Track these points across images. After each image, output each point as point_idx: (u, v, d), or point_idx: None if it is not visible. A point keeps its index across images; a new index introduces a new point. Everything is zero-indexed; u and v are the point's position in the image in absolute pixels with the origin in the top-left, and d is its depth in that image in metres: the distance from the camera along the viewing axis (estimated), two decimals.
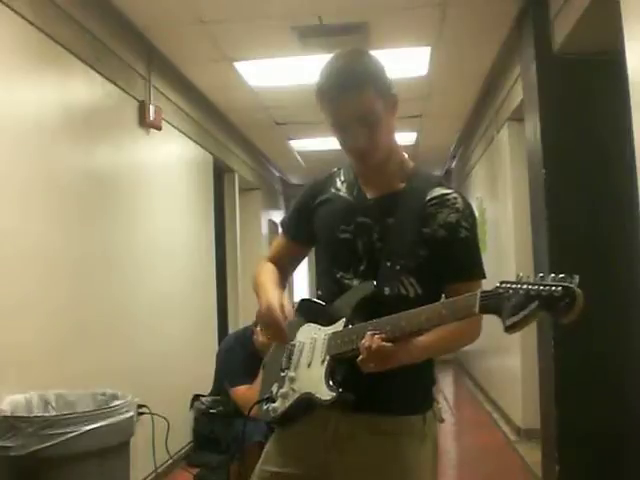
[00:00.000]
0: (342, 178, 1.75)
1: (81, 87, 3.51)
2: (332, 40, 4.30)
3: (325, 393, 1.55)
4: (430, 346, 1.52)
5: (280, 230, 1.91)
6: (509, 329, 1.28)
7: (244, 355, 3.36)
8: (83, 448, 2.41)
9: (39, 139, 3.05)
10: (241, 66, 4.75)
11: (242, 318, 6.50)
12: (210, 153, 5.76)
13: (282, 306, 1.63)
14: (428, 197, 1.61)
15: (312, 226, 1.75)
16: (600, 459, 3.38)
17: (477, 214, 6.77)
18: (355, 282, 1.63)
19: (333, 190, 1.73)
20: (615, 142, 3.20)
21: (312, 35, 4.21)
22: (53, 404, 2.75)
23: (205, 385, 3.74)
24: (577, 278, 1.25)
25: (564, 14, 3.38)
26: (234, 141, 6.60)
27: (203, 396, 3.83)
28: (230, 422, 3.41)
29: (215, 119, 5.90)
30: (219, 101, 5.66)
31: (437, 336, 1.50)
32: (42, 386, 2.78)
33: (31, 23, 2.96)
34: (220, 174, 6.43)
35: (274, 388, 1.70)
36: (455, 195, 1.63)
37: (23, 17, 2.90)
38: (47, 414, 2.58)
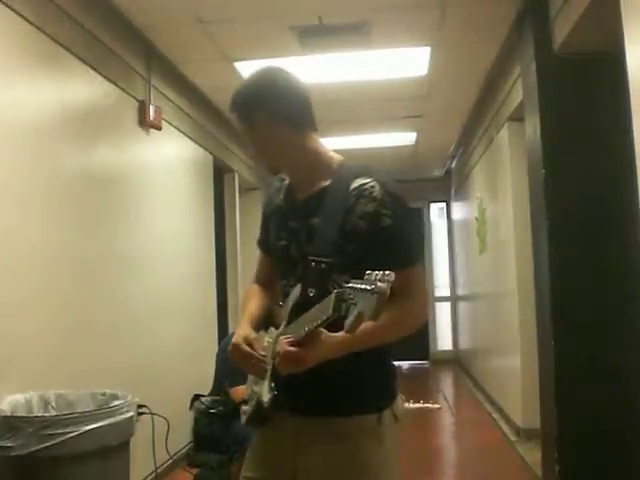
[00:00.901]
0: (285, 187, 1.76)
1: (81, 87, 3.51)
2: (332, 40, 4.30)
3: (265, 395, 1.57)
4: (347, 340, 1.45)
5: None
6: (348, 331, 1.27)
7: None
8: (83, 448, 2.42)
9: (39, 139, 3.05)
10: (241, 66, 4.75)
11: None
12: (210, 153, 5.76)
13: (246, 338, 1.63)
14: (350, 189, 1.58)
15: None
16: (600, 459, 3.38)
17: (477, 214, 6.81)
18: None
19: (277, 201, 1.76)
20: (615, 142, 3.20)
21: (312, 35, 4.21)
22: (53, 404, 2.75)
23: (205, 385, 3.75)
24: (391, 275, 1.22)
25: (564, 14, 3.37)
26: (234, 141, 6.59)
27: (203, 396, 3.84)
28: (230, 422, 3.41)
29: (215, 119, 5.90)
30: (219, 101, 5.65)
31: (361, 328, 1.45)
32: (42, 386, 2.78)
33: (31, 23, 2.96)
34: (220, 174, 6.43)
35: (249, 391, 1.74)
36: (373, 184, 1.57)
37: (23, 17, 2.90)
38: (47, 414, 2.58)
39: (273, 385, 1.56)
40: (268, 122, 1.61)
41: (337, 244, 1.55)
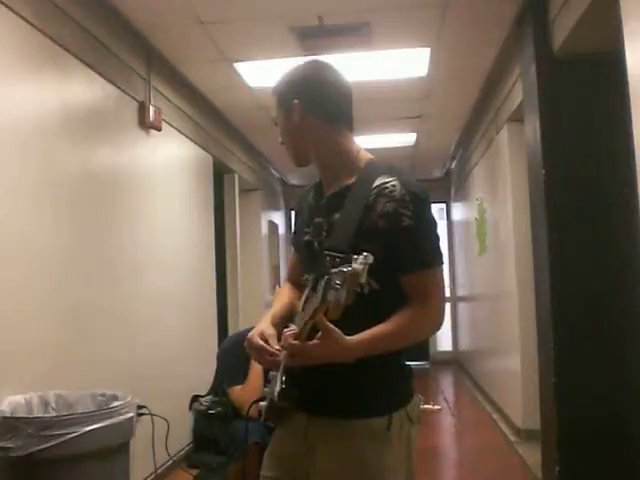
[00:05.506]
0: (317, 185, 1.79)
1: (81, 88, 3.51)
2: (332, 41, 4.30)
3: (276, 390, 1.57)
4: (361, 343, 1.47)
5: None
6: (330, 319, 1.36)
7: (244, 355, 3.35)
8: (83, 449, 2.41)
9: (39, 140, 3.05)
10: (241, 67, 4.75)
11: (242, 319, 6.50)
12: (210, 154, 5.76)
13: (261, 333, 1.64)
14: (371, 187, 1.57)
15: None
16: (600, 460, 3.38)
17: (477, 215, 6.81)
18: None
19: (309, 198, 1.78)
20: (615, 142, 3.20)
21: (312, 36, 4.21)
22: (53, 405, 2.75)
23: (205, 386, 3.74)
24: (368, 257, 1.29)
25: (564, 14, 3.38)
26: (234, 142, 6.60)
27: (202, 397, 3.82)
28: (229, 423, 3.40)
29: (215, 120, 5.90)
30: (219, 102, 5.66)
31: (374, 332, 1.49)
32: (42, 387, 2.78)
33: (31, 24, 2.96)
34: (220, 175, 6.43)
35: (268, 388, 1.73)
36: (394, 183, 1.55)
37: (23, 18, 2.90)
38: (47, 415, 2.58)
39: (283, 379, 1.56)
40: (301, 111, 1.64)
41: (353, 241, 1.53)
